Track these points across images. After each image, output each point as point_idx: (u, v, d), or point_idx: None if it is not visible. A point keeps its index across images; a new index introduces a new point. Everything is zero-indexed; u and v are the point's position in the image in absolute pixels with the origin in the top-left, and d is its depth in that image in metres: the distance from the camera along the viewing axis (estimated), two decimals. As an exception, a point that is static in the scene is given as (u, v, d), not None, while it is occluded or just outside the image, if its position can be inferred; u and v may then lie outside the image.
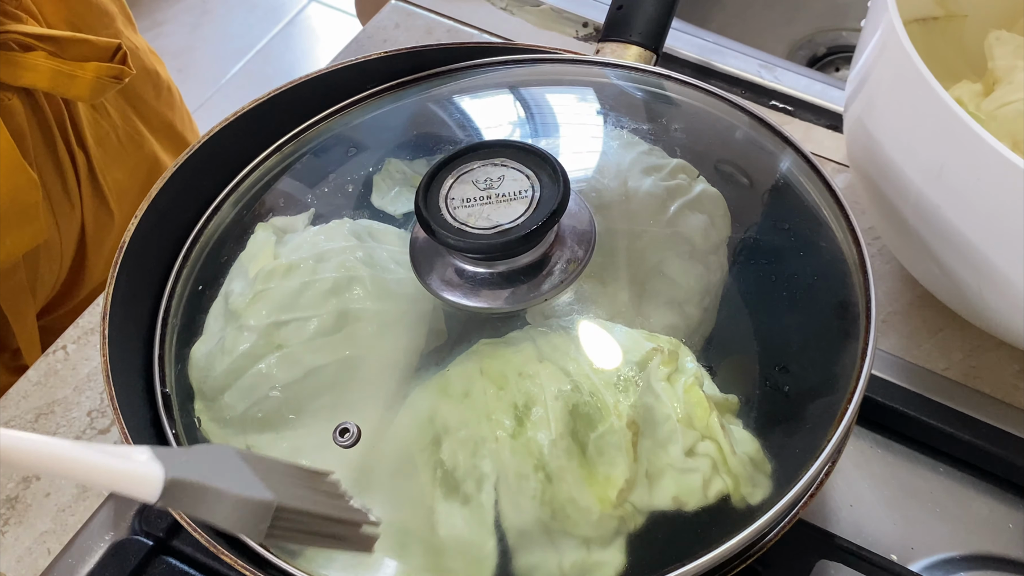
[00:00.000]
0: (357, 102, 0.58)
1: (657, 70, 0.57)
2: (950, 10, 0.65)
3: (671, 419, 0.44)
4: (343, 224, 0.52)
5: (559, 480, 0.43)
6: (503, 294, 0.47)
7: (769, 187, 0.54)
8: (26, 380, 0.62)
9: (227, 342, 0.48)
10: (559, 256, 0.47)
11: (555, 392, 0.44)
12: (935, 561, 0.54)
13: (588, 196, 0.50)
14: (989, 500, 0.56)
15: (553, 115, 0.57)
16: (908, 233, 0.55)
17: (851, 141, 0.60)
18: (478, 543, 0.43)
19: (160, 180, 0.54)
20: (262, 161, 0.57)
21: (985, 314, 0.55)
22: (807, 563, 0.52)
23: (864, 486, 0.56)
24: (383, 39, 0.79)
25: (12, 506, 0.57)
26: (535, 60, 0.58)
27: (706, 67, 0.75)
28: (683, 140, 0.54)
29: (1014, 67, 0.59)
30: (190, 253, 0.54)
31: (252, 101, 0.57)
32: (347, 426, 0.46)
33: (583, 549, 0.43)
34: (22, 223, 0.67)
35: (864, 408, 0.55)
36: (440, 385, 0.46)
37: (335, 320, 0.48)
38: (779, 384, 0.47)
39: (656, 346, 0.45)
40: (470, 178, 0.47)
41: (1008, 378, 0.60)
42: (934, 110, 0.48)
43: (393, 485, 0.45)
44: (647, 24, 0.62)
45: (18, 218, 0.67)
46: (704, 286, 0.49)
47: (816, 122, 0.73)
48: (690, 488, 0.44)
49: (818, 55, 0.93)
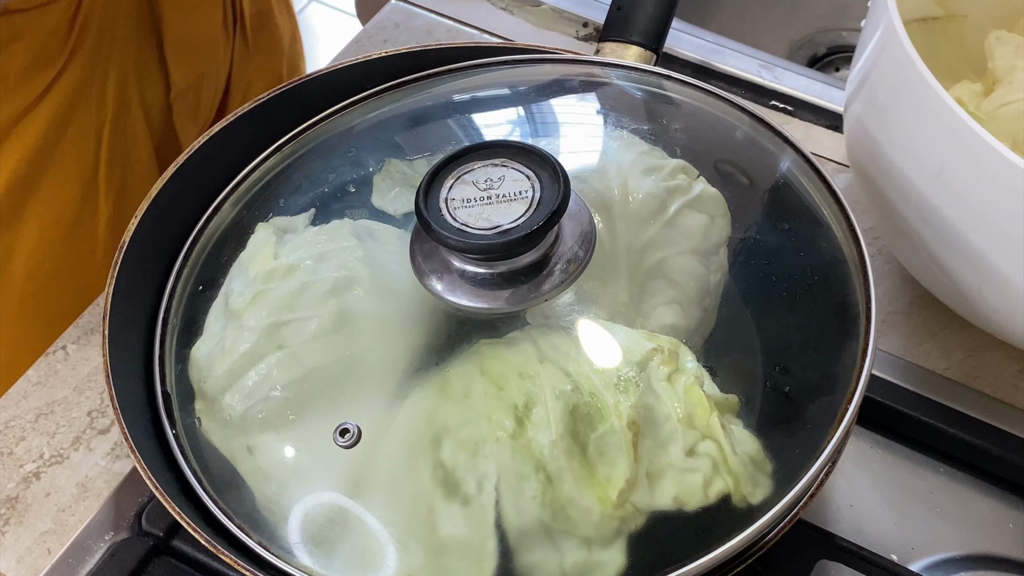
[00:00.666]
0: (357, 102, 0.58)
1: (657, 70, 0.57)
2: (950, 10, 0.65)
3: (671, 419, 0.44)
4: (343, 224, 0.52)
5: (560, 481, 0.43)
6: (503, 294, 0.47)
7: (769, 187, 0.54)
8: (26, 380, 0.62)
9: (227, 342, 0.48)
10: (559, 256, 0.47)
11: (555, 392, 0.44)
12: (935, 561, 0.54)
13: (588, 196, 0.50)
14: (989, 500, 0.56)
15: (553, 115, 0.57)
16: (908, 233, 0.55)
17: (851, 141, 0.60)
18: (478, 543, 0.43)
19: (160, 180, 0.54)
20: (262, 161, 0.57)
21: (985, 314, 0.55)
22: (807, 563, 0.52)
23: (864, 486, 0.56)
24: (383, 39, 0.80)
25: (12, 506, 0.57)
26: (535, 60, 0.58)
27: (706, 67, 0.75)
28: (683, 140, 0.54)
29: (1014, 67, 0.59)
30: (190, 253, 0.54)
31: (252, 101, 0.57)
32: (347, 426, 0.46)
33: (584, 549, 0.43)
34: (205, 50, 0.79)
35: (864, 408, 0.55)
36: (440, 385, 0.46)
37: (335, 320, 0.48)
38: (779, 384, 0.47)
39: (656, 346, 0.45)
40: (470, 178, 0.47)
41: (1008, 378, 0.60)
42: (934, 110, 0.48)
43: (393, 485, 0.45)
44: (647, 24, 0.62)
45: (203, 44, 0.78)
46: (704, 286, 0.49)
47: (816, 122, 0.73)
48: (691, 488, 0.44)
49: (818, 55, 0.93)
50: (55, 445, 0.59)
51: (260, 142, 0.57)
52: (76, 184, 0.72)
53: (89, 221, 0.73)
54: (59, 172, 0.71)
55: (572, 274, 0.47)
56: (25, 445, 0.59)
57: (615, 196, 0.50)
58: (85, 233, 0.74)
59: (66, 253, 0.73)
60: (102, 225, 0.74)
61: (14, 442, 0.59)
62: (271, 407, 0.47)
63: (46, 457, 0.59)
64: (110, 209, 0.74)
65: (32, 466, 0.58)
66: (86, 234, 0.74)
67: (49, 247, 0.72)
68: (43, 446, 0.59)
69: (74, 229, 0.73)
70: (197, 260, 0.54)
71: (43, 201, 0.70)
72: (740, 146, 0.55)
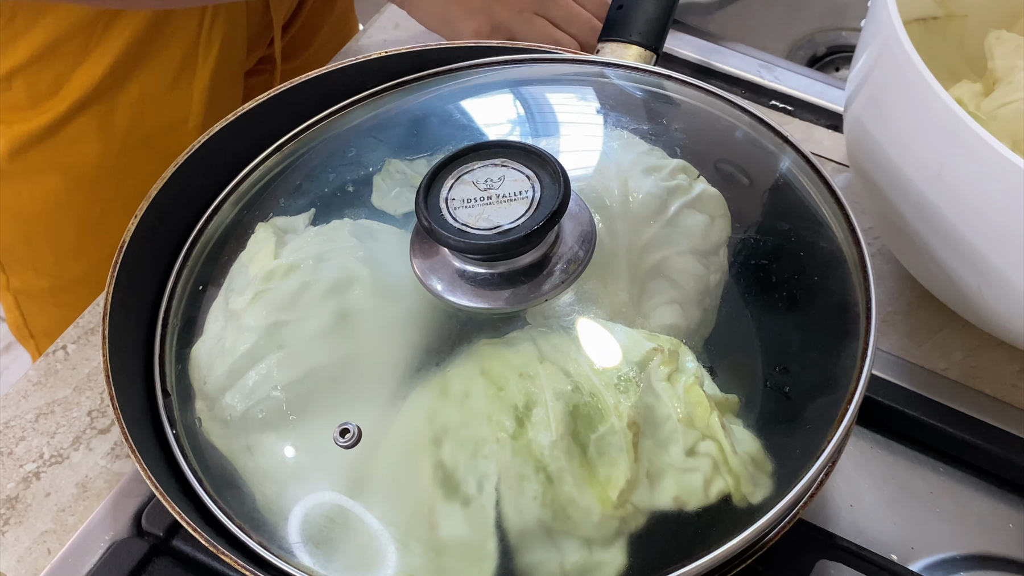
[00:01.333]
0: (357, 102, 0.58)
1: (657, 70, 0.57)
2: (950, 10, 0.65)
3: (672, 419, 0.44)
4: (343, 224, 0.52)
5: (560, 481, 0.43)
6: (503, 294, 0.47)
7: (769, 187, 0.54)
8: (26, 380, 0.62)
9: (227, 342, 0.48)
10: (559, 256, 0.47)
11: (556, 393, 0.44)
12: (935, 561, 0.54)
13: (588, 196, 0.50)
14: (989, 500, 0.56)
15: (553, 115, 0.57)
16: (908, 233, 0.55)
17: (851, 141, 0.60)
18: (479, 544, 0.43)
19: (160, 180, 0.54)
20: (262, 161, 0.57)
21: (985, 314, 0.55)
22: (807, 563, 0.52)
23: (864, 486, 0.56)
24: (383, 39, 0.80)
25: (12, 506, 0.57)
26: (535, 60, 0.58)
27: (706, 67, 0.75)
28: (683, 140, 0.54)
29: (1014, 67, 0.59)
30: (190, 253, 0.54)
31: (252, 101, 0.57)
32: (348, 426, 0.46)
33: (584, 549, 0.43)
34: None
35: (864, 408, 0.55)
36: (440, 385, 0.46)
37: (335, 320, 0.48)
38: (779, 384, 0.47)
39: (656, 346, 0.45)
40: (470, 178, 0.47)
41: (1008, 378, 0.60)
42: (934, 110, 0.48)
43: (394, 485, 0.45)
44: (647, 24, 0.62)
45: None
46: (704, 286, 0.49)
47: (816, 122, 0.73)
48: (691, 488, 0.44)
49: (818, 55, 0.93)
50: (55, 445, 0.59)
51: (260, 142, 0.57)
52: (179, 51, 0.76)
53: (185, 88, 0.77)
54: (167, 37, 0.75)
55: (572, 274, 0.47)
56: (25, 445, 0.59)
57: (615, 196, 0.50)
58: (181, 99, 0.77)
59: (162, 114, 0.77)
60: (196, 95, 0.78)
61: (14, 442, 0.59)
62: (271, 407, 0.47)
63: (46, 457, 0.59)
64: (205, 81, 0.78)
65: (32, 466, 0.58)
66: (182, 99, 0.77)
67: (149, 105, 0.76)
68: (43, 446, 0.59)
69: (171, 94, 0.77)
70: (197, 260, 0.54)
71: (148, 64, 0.75)
72: (740, 146, 0.55)
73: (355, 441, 0.46)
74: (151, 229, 0.53)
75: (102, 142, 0.76)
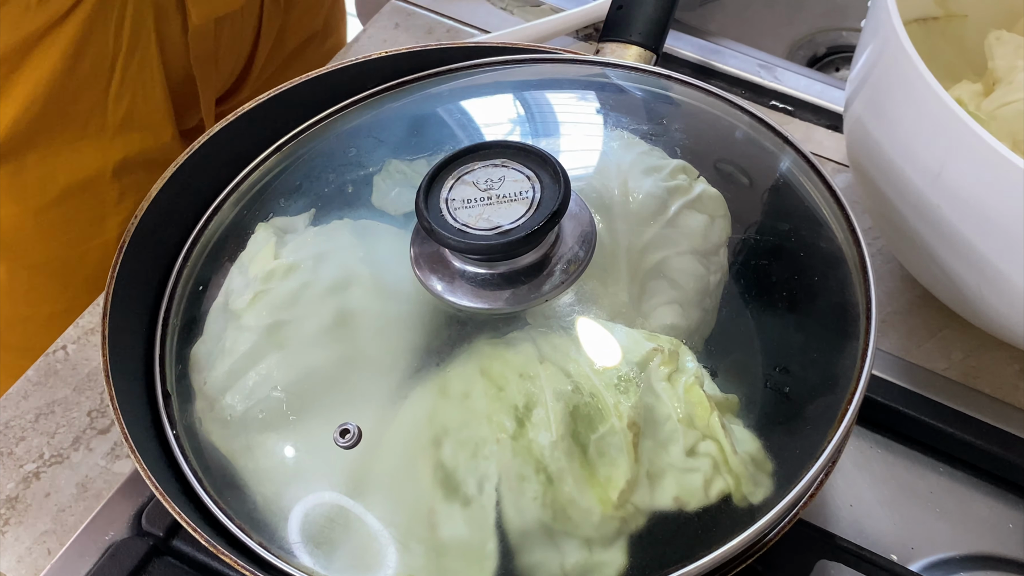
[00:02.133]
0: (357, 102, 0.58)
1: (657, 70, 0.57)
2: (950, 10, 0.65)
3: (672, 419, 0.44)
4: (343, 224, 0.52)
5: (560, 481, 0.43)
6: (503, 295, 0.47)
7: (769, 187, 0.54)
8: (26, 380, 0.62)
9: (227, 342, 0.48)
10: (560, 257, 0.47)
11: (556, 393, 0.44)
12: (935, 561, 0.54)
13: (588, 196, 0.50)
14: (989, 500, 0.56)
15: (553, 115, 0.57)
16: (908, 233, 0.55)
17: (851, 141, 0.60)
18: (479, 544, 0.43)
19: (160, 180, 0.54)
20: (262, 161, 0.57)
21: (985, 314, 0.55)
22: (807, 563, 0.52)
23: (864, 486, 0.57)
24: (383, 39, 0.80)
25: (12, 506, 0.57)
26: (535, 60, 0.58)
27: (706, 67, 0.75)
28: (683, 140, 0.54)
29: (1014, 67, 0.59)
30: (190, 253, 0.54)
31: (252, 101, 0.57)
32: (348, 427, 0.46)
33: (585, 550, 0.43)
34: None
35: (864, 408, 0.55)
36: (440, 386, 0.46)
37: (335, 320, 0.48)
38: (779, 384, 0.47)
39: (656, 346, 0.45)
40: (471, 179, 0.47)
41: (1008, 378, 0.60)
42: (934, 110, 0.48)
43: (394, 486, 0.45)
44: (647, 24, 0.62)
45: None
46: (704, 286, 0.49)
47: (816, 122, 0.73)
48: (691, 488, 0.44)
49: (818, 55, 0.93)
50: (55, 445, 0.59)
51: (260, 142, 0.57)
52: (83, 111, 0.73)
53: (92, 147, 0.74)
54: (70, 98, 0.72)
55: (572, 274, 0.47)
56: (25, 445, 0.59)
57: (615, 196, 0.50)
58: (89, 160, 0.75)
59: (71, 175, 0.74)
60: (104, 153, 0.75)
61: (14, 442, 0.59)
62: (271, 407, 0.47)
63: (46, 457, 0.59)
64: (112, 138, 0.75)
65: (32, 466, 0.58)
66: (90, 160, 0.75)
67: (51, 174, 0.73)
68: (43, 446, 0.59)
69: (78, 155, 0.74)
70: (197, 260, 0.54)
71: (52, 126, 0.72)
72: (740, 146, 0.55)
73: (355, 441, 0.46)
74: (151, 228, 0.53)
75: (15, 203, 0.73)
